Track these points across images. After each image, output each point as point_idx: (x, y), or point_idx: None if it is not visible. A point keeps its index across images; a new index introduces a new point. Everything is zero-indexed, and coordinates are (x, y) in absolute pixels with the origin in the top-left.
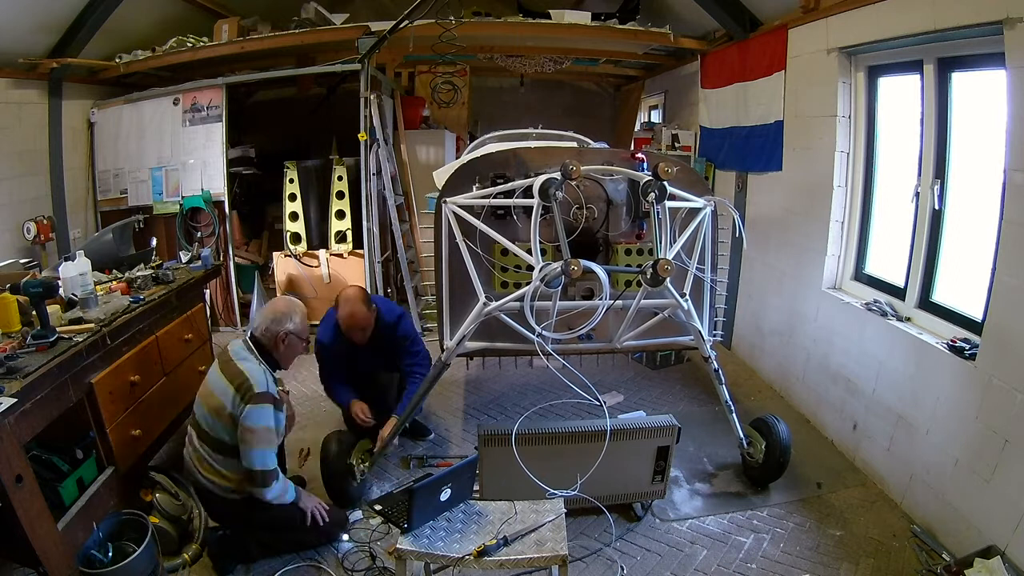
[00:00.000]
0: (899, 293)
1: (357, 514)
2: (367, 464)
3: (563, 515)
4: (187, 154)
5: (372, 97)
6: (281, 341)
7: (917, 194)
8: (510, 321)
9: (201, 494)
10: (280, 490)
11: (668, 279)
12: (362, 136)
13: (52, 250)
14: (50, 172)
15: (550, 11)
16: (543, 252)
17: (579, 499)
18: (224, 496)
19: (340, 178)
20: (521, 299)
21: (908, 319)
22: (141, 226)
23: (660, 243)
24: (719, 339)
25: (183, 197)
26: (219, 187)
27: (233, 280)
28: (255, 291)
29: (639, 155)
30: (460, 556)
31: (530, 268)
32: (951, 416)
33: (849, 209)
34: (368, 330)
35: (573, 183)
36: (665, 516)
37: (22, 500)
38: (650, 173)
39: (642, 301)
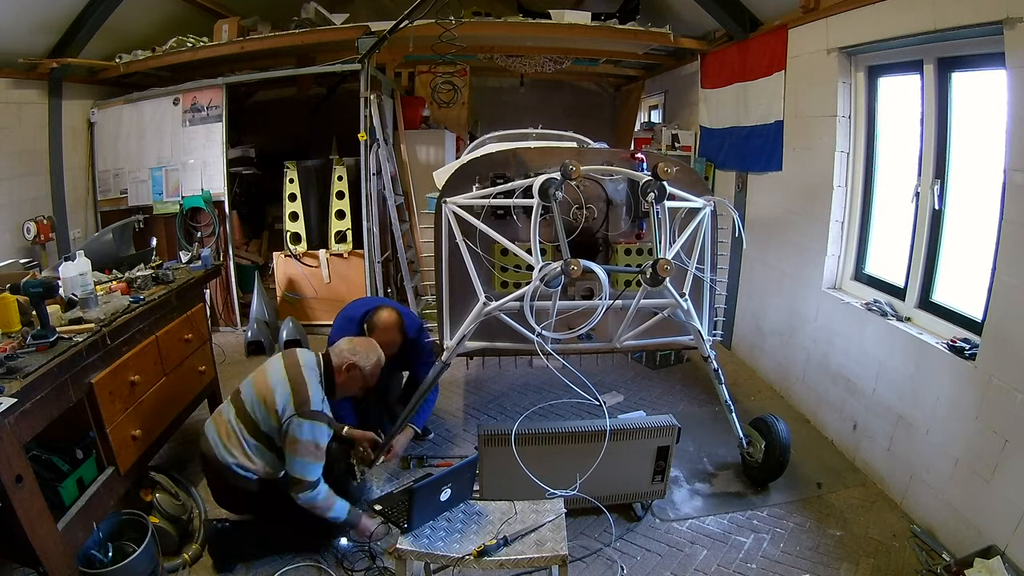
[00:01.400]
0: (899, 293)
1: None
2: (367, 464)
3: (563, 515)
4: (187, 154)
5: (372, 97)
6: (346, 370)
7: (917, 194)
8: (510, 321)
9: (214, 473)
10: (323, 494)
11: (668, 279)
12: (362, 136)
13: (52, 250)
14: (50, 172)
15: (550, 11)
16: (543, 252)
17: (579, 499)
18: (239, 475)
19: (340, 178)
20: (521, 299)
21: (908, 319)
22: (141, 226)
23: (660, 243)
24: (719, 339)
25: (183, 197)
26: (219, 187)
27: (233, 280)
28: (255, 291)
29: (639, 155)
30: (460, 556)
31: (530, 268)
32: (951, 416)
33: (849, 209)
34: (395, 344)
35: (573, 183)
36: (665, 516)
37: (22, 500)
38: (650, 173)
39: (642, 301)
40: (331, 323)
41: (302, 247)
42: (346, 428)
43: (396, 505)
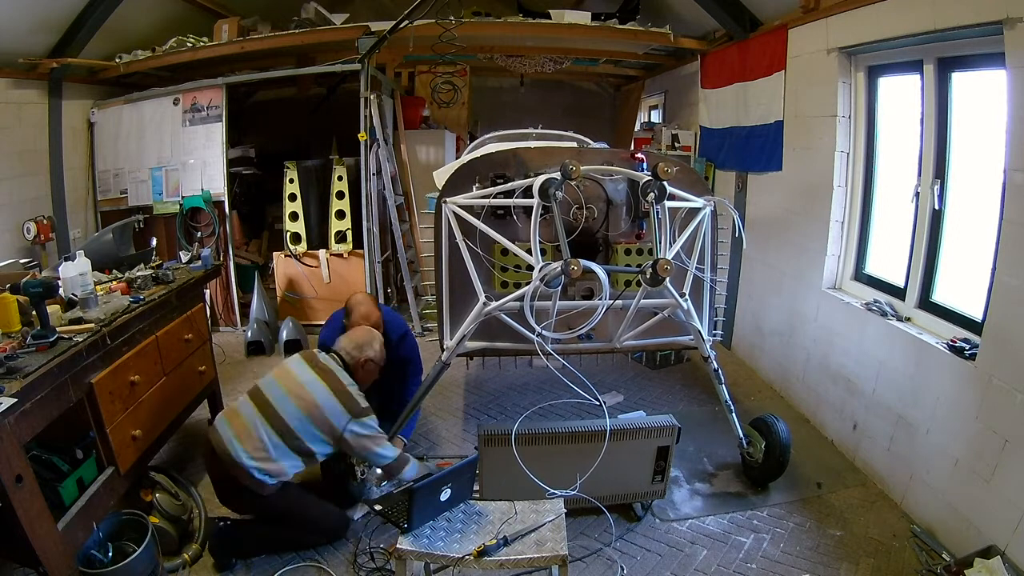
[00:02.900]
0: (899, 293)
1: (358, 513)
2: (367, 464)
3: (563, 515)
4: (187, 154)
5: (372, 97)
6: (361, 366)
7: (917, 194)
8: (510, 321)
9: (223, 470)
10: (408, 474)
11: (668, 279)
12: (362, 136)
13: (52, 250)
14: (50, 172)
15: (550, 11)
16: (543, 252)
17: (579, 499)
18: (255, 478)
19: (340, 178)
20: (521, 299)
21: (908, 319)
22: (141, 226)
23: (660, 243)
24: (719, 339)
25: (183, 197)
26: (219, 187)
27: (233, 280)
28: (255, 291)
29: (639, 155)
30: (460, 556)
31: (530, 268)
32: (951, 416)
33: (849, 209)
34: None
35: (573, 183)
36: (665, 516)
37: (22, 500)
38: (650, 173)
39: (642, 301)
40: None
41: (302, 247)
42: None
43: (396, 505)
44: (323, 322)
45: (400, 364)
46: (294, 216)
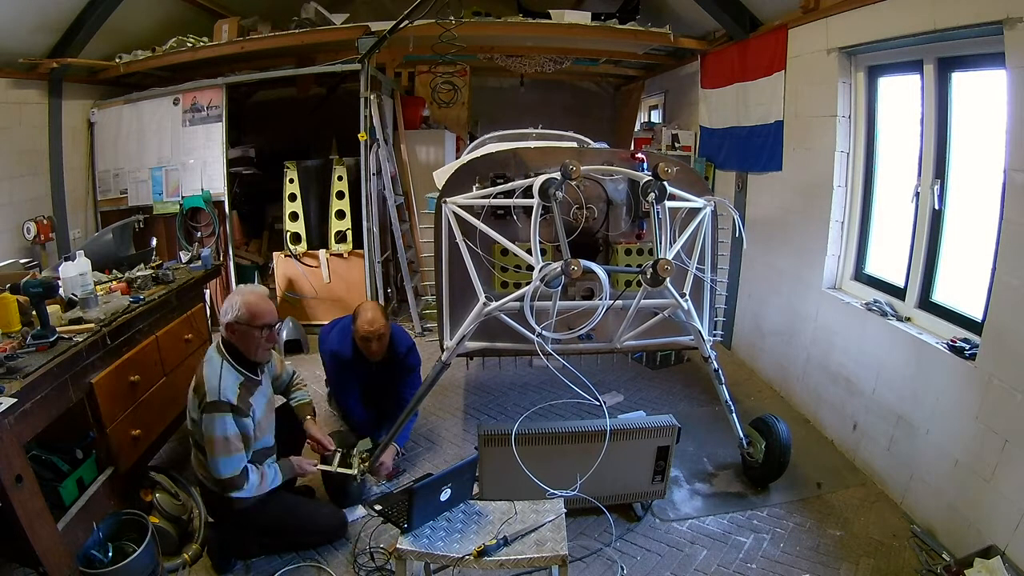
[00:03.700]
0: (899, 293)
1: (357, 513)
2: (367, 464)
3: (563, 515)
4: (187, 154)
5: (372, 97)
6: (231, 333)
7: (917, 194)
8: (510, 321)
9: (203, 492)
10: (255, 486)
11: (668, 279)
12: (362, 136)
13: (52, 250)
14: (50, 172)
15: (550, 11)
16: (543, 252)
17: (579, 499)
18: (214, 494)
19: (340, 178)
20: (521, 299)
21: (908, 319)
22: (141, 226)
23: (660, 243)
24: (719, 339)
25: (183, 197)
26: (219, 187)
27: (233, 280)
28: None
29: (639, 155)
30: (460, 556)
31: (530, 268)
32: (951, 416)
33: (849, 209)
34: (384, 340)
35: (573, 183)
36: (665, 516)
37: (22, 500)
38: (650, 173)
39: (642, 301)
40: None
41: (302, 247)
42: (307, 420)
43: (396, 505)
44: (322, 322)
45: (406, 371)
46: (294, 216)
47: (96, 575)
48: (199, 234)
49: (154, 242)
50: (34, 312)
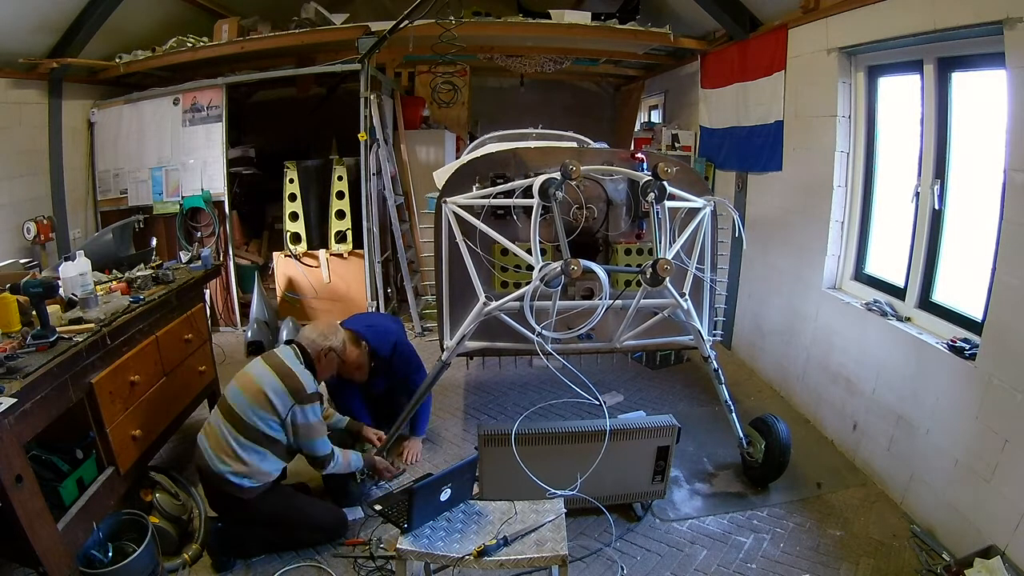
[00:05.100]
0: (899, 293)
1: (358, 513)
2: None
3: (563, 515)
4: (187, 154)
5: (372, 97)
6: (324, 355)
7: (917, 194)
8: (510, 321)
9: (209, 483)
10: (341, 465)
11: (668, 279)
12: (362, 136)
13: (52, 250)
14: (50, 172)
15: (550, 11)
16: (543, 252)
17: (579, 499)
18: (233, 483)
19: (340, 178)
20: (521, 299)
21: (908, 319)
22: (141, 226)
23: (660, 243)
24: (719, 339)
25: (183, 197)
26: (219, 187)
27: (233, 280)
28: (255, 291)
29: (639, 155)
30: (460, 556)
31: (530, 268)
32: (951, 416)
33: (849, 209)
34: (364, 367)
35: (573, 183)
36: (665, 516)
37: (22, 500)
38: (650, 173)
39: (642, 301)
40: None
41: (302, 247)
42: (364, 428)
43: (396, 505)
44: None
45: (402, 365)
46: (294, 216)
47: (96, 575)
48: (199, 234)
49: (154, 242)
50: (34, 312)
